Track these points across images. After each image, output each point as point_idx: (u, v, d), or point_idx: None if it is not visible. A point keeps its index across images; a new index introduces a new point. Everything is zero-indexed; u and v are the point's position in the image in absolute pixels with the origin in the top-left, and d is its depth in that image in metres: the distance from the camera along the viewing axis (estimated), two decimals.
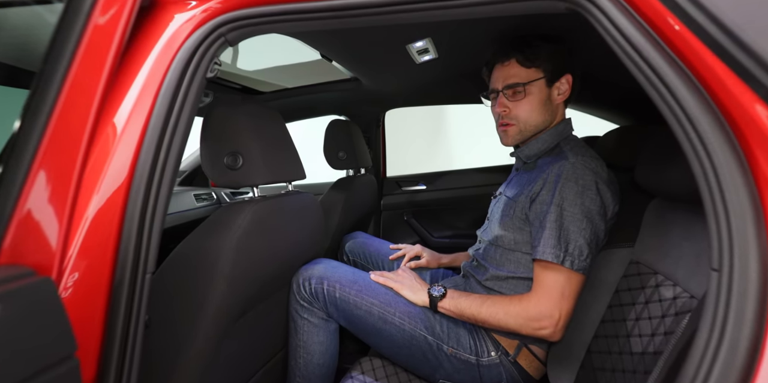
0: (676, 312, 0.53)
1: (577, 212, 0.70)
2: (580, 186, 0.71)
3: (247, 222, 0.61)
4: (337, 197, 1.23)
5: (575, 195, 0.71)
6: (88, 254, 0.39)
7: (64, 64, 0.31)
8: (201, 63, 0.50)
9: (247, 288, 0.62)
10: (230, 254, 0.56)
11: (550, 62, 0.79)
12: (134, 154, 0.44)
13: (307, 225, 0.83)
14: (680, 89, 0.37)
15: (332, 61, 1.15)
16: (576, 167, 0.73)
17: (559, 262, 0.69)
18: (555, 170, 0.74)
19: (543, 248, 0.70)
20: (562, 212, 0.71)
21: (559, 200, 0.71)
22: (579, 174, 0.72)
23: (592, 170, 0.73)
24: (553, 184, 0.73)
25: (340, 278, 0.83)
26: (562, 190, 0.71)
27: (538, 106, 0.81)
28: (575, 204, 0.71)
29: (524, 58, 0.79)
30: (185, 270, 0.56)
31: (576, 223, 0.70)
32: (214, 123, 0.68)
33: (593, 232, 0.71)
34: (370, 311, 0.80)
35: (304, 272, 0.84)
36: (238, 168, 0.67)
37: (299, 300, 0.84)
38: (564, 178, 0.72)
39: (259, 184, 0.68)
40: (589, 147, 0.82)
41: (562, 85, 0.80)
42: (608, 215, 0.74)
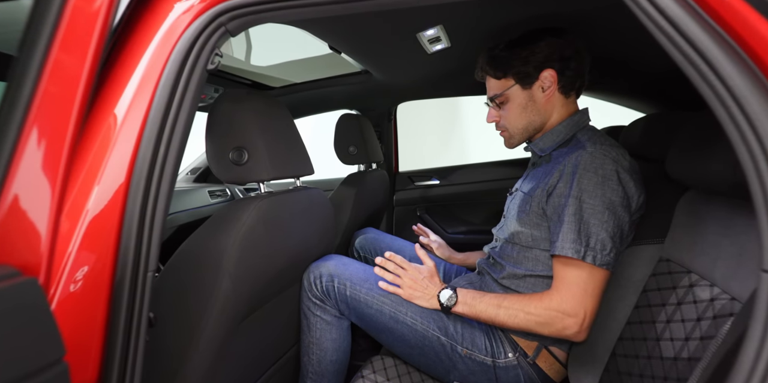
0: (714, 315, 0.48)
1: (597, 204, 0.66)
2: (599, 176, 0.67)
3: (252, 219, 0.59)
4: (348, 192, 1.21)
5: (595, 186, 0.67)
6: (87, 252, 0.38)
7: (40, 50, 0.29)
8: (201, 54, 0.48)
9: (254, 286, 0.61)
10: (235, 251, 0.55)
11: (520, 67, 0.78)
12: (134, 149, 0.43)
13: (316, 221, 0.82)
14: (725, 65, 0.32)
15: (341, 54, 1.13)
16: (595, 156, 0.69)
17: (580, 257, 0.65)
18: (572, 160, 0.70)
19: (562, 243, 0.67)
20: (582, 205, 0.67)
21: (577, 192, 0.67)
22: (598, 164, 0.68)
23: (612, 158, 0.69)
24: (570, 175, 0.69)
25: (351, 275, 0.81)
26: (581, 181, 0.68)
27: (520, 110, 0.81)
28: (595, 196, 0.67)
29: (493, 72, 0.82)
30: (190, 268, 0.55)
31: (597, 215, 0.66)
32: (218, 118, 0.66)
33: (616, 225, 0.67)
34: (381, 310, 0.78)
35: (315, 269, 0.83)
36: (243, 164, 0.65)
37: (311, 297, 0.82)
38: (582, 168, 0.68)
39: (265, 180, 0.67)
40: (609, 136, 0.78)
41: (545, 82, 0.78)
42: (633, 207, 0.70)
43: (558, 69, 0.77)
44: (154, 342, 0.49)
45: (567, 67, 0.78)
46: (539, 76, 0.78)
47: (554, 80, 0.78)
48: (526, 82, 0.79)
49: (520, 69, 0.78)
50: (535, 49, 0.77)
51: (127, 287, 0.39)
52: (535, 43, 0.78)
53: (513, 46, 0.79)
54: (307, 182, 1.94)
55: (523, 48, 0.78)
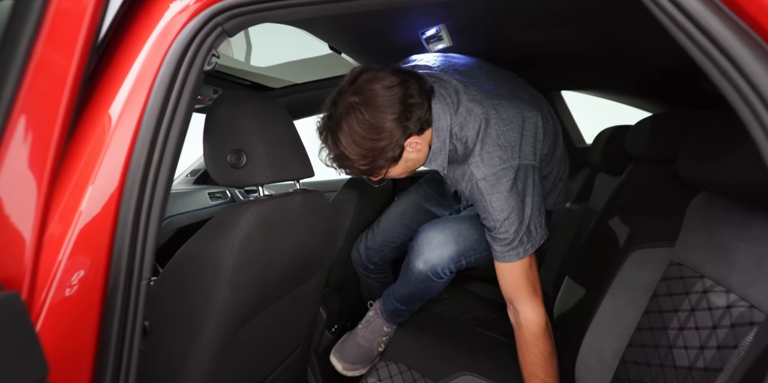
0: (731, 323, 0.46)
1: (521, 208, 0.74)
2: (505, 191, 0.72)
3: (250, 223, 0.58)
4: (350, 195, 1.19)
5: (506, 199, 0.72)
6: (78, 261, 0.37)
7: (23, 47, 0.28)
8: (197, 55, 0.47)
9: (254, 291, 0.59)
10: (233, 256, 0.53)
11: (383, 164, 0.72)
12: (127, 152, 0.41)
13: (317, 224, 0.80)
14: (749, 62, 0.30)
15: (342, 54, 1.11)
16: (488, 180, 0.73)
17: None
18: (474, 192, 0.75)
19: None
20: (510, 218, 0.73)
21: (498, 215, 0.73)
22: (496, 182, 0.72)
23: (500, 167, 0.73)
24: (482, 203, 0.74)
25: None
26: (495, 204, 0.73)
27: (406, 169, 0.78)
28: (513, 205, 0.73)
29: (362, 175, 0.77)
30: (187, 274, 0.54)
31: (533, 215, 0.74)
32: (216, 120, 0.65)
33: (535, 208, 0.75)
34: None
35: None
36: (241, 167, 0.64)
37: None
38: (488, 195, 0.73)
39: (264, 183, 0.65)
40: (486, 127, 0.74)
41: (412, 145, 0.73)
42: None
43: (416, 131, 0.71)
44: (148, 351, 0.47)
45: (414, 119, 0.70)
46: (404, 150, 0.72)
47: (417, 139, 0.72)
48: (397, 161, 0.74)
49: (387, 163, 0.73)
50: (386, 137, 0.68)
51: (119, 297, 0.37)
52: (380, 133, 0.68)
53: (359, 163, 0.71)
54: (309, 184, 1.92)
55: (377, 146, 0.69)
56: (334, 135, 0.70)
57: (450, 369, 0.84)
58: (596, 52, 1.04)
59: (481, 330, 1.06)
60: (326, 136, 0.72)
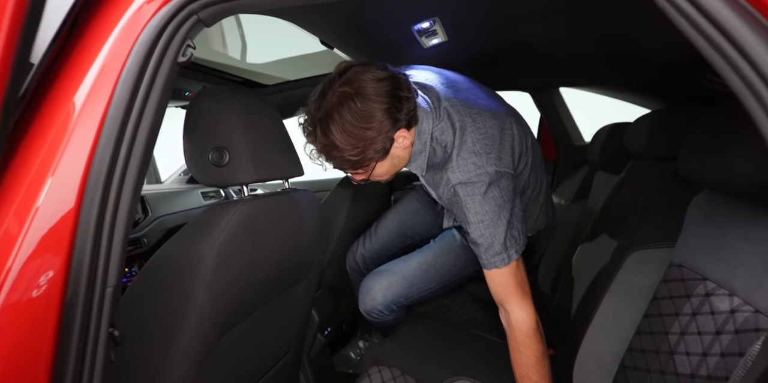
0: (735, 329, 0.44)
1: (490, 216, 0.75)
2: (480, 196, 0.74)
3: (231, 224, 0.55)
4: (344, 194, 1.17)
5: (481, 203, 0.74)
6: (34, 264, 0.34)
7: None
8: (170, 45, 0.44)
9: (237, 296, 0.57)
10: (212, 260, 0.51)
11: (372, 156, 0.72)
12: (91, 146, 0.38)
13: (306, 225, 0.77)
14: (758, 50, 0.28)
15: (334, 49, 1.08)
16: (466, 185, 0.74)
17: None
18: (451, 198, 0.77)
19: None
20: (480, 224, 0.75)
21: (473, 217, 0.75)
22: (472, 190, 0.74)
23: (476, 173, 0.74)
24: (459, 208, 0.76)
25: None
26: (470, 209, 0.75)
27: (390, 167, 0.79)
28: (485, 211, 0.74)
29: (355, 170, 0.76)
30: (164, 277, 0.51)
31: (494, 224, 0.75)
32: (197, 116, 0.62)
33: (514, 214, 0.77)
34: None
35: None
36: (224, 165, 0.61)
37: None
38: (464, 200, 0.75)
39: (248, 182, 0.62)
40: (462, 134, 0.76)
41: (397, 141, 0.73)
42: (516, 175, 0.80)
43: (405, 125, 0.72)
44: (123, 361, 0.45)
45: (403, 116, 0.71)
46: (393, 142, 0.73)
47: (406, 133, 0.73)
48: (385, 153, 0.73)
49: (377, 156, 0.72)
50: (373, 136, 0.69)
51: (80, 306, 0.34)
52: (371, 122, 0.68)
53: (348, 153, 0.69)
54: (301, 183, 1.89)
55: (362, 147, 0.69)
56: (324, 125, 0.69)
57: (445, 373, 0.82)
58: (596, 48, 1.02)
59: (478, 332, 1.03)
60: (314, 126, 0.71)
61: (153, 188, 1.47)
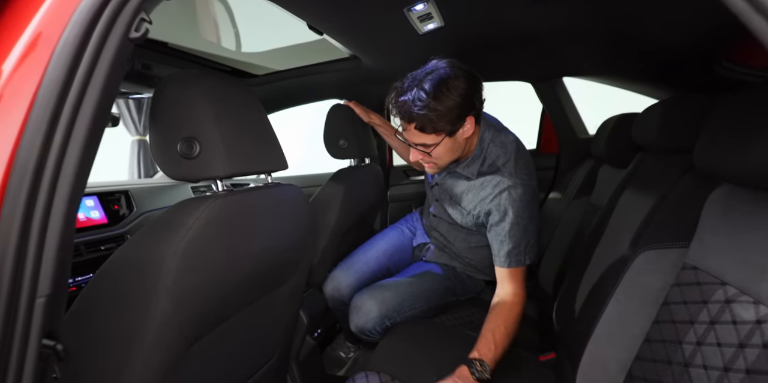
0: (764, 342, 0.38)
1: (524, 222, 0.90)
2: (524, 202, 0.89)
3: (200, 223, 0.50)
4: (336, 189, 1.11)
5: (521, 210, 0.89)
6: None
7: None
8: (119, 17, 0.38)
9: (207, 301, 0.52)
10: (176, 262, 0.46)
11: (447, 124, 0.84)
12: (18, 131, 0.33)
13: (290, 222, 0.72)
14: None
15: (323, 35, 1.02)
16: (516, 189, 0.89)
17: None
18: (500, 197, 0.90)
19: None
20: (514, 225, 0.90)
21: (511, 218, 0.89)
22: (521, 193, 0.89)
23: (528, 184, 0.91)
24: (502, 207, 0.90)
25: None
26: (510, 210, 0.89)
27: (450, 151, 0.90)
28: (523, 216, 0.89)
29: (420, 128, 0.85)
30: (120, 283, 0.46)
31: (525, 229, 0.90)
32: (163, 103, 0.57)
33: (536, 228, 0.93)
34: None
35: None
36: (194, 157, 0.55)
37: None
38: (508, 201, 0.89)
39: (221, 176, 0.57)
40: (518, 150, 0.95)
41: (466, 126, 0.87)
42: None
43: (474, 114, 0.86)
44: (69, 378, 0.40)
45: (478, 107, 0.87)
46: (462, 125, 0.86)
47: (473, 123, 0.87)
48: (452, 132, 0.86)
49: (449, 128, 0.84)
50: (455, 104, 0.82)
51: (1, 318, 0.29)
52: (453, 98, 0.81)
53: (436, 105, 0.81)
54: (289, 178, 1.83)
55: (447, 107, 0.81)
56: (422, 83, 0.83)
57: (437, 378, 0.77)
58: (601, 31, 0.95)
59: (473, 333, 0.98)
60: (411, 84, 0.84)
61: (140, 182, 1.41)
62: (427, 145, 0.87)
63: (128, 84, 1.05)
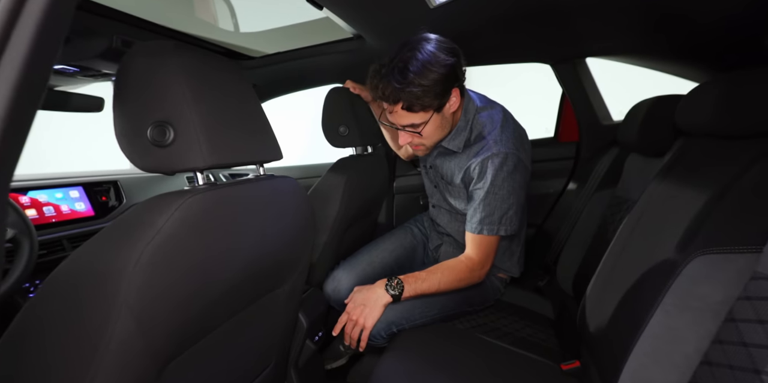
0: None
1: (504, 193, 0.89)
2: (506, 172, 0.88)
3: (171, 224, 0.41)
4: (337, 180, 1.02)
5: (503, 180, 0.88)
6: None
7: None
8: None
9: (182, 317, 0.44)
10: (139, 274, 0.37)
11: (434, 98, 0.82)
12: None
13: (285, 218, 0.63)
14: None
15: (322, 9, 0.91)
16: (499, 156, 0.87)
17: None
18: (484, 163, 0.88)
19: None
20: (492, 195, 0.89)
21: (490, 187, 0.88)
22: (503, 162, 0.88)
23: (514, 154, 0.88)
24: (485, 175, 0.89)
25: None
26: (494, 180, 0.88)
27: (439, 128, 0.89)
28: (503, 187, 0.89)
29: (408, 107, 0.83)
30: (68, 300, 0.38)
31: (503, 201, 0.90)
32: (130, 79, 0.47)
33: (518, 202, 0.91)
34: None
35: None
36: (167, 145, 0.47)
37: None
38: (493, 169, 0.88)
39: (201, 167, 0.48)
40: (505, 119, 0.93)
41: (451, 100, 0.86)
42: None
43: (458, 86, 0.85)
44: None
45: (461, 78, 0.85)
46: (448, 98, 0.84)
47: (458, 96, 0.86)
48: (440, 107, 0.85)
49: (437, 103, 0.83)
50: (440, 77, 0.79)
51: None
52: (437, 71, 0.79)
53: (421, 79, 0.78)
54: (292, 169, 1.74)
55: (432, 80, 0.79)
56: (405, 63, 0.79)
57: None
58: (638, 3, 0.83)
59: (489, 338, 0.91)
60: (394, 65, 0.80)
61: (131, 172, 1.33)
62: (415, 125, 0.86)
63: (110, 64, 0.95)
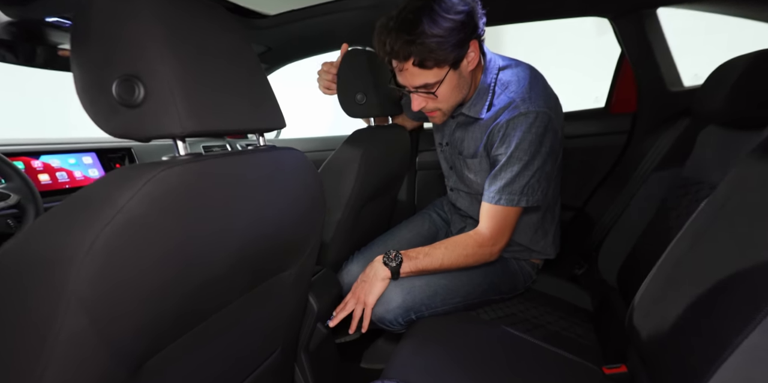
0: None
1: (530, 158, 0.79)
2: (534, 135, 0.77)
3: (137, 202, 0.34)
4: (352, 154, 0.93)
5: (530, 144, 0.77)
6: None
7: None
8: None
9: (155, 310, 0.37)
10: (92, 260, 0.31)
11: (450, 51, 0.71)
12: None
13: (288, 196, 0.55)
14: None
15: None
16: (528, 116, 0.76)
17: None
18: (510, 124, 0.77)
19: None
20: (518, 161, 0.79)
21: (515, 152, 0.78)
22: (531, 122, 0.76)
23: (544, 113, 0.76)
24: (509, 138, 0.78)
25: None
26: (520, 143, 0.77)
27: (456, 89, 0.79)
28: (529, 152, 0.78)
29: (420, 63, 0.72)
30: (14, 286, 0.32)
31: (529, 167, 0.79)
32: (91, 25, 0.39)
33: (544, 169, 0.80)
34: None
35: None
36: (137, 104, 0.38)
37: None
38: (520, 131, 0.77)
39: (178, 134, 0.40)
40: (533, 76, 0.82)
41: (470, 55, 0.76)
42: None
43: (477, 37, 0.75)
44: None
45: (480, 29, 0.75)
46: (466, 53, 0.75)
47: (477, 50, 0.76)
48: (457, 63, 0.75)
49: (453, 56, 0.73)
50: (456, 25, 0.70)
51: None
52: (452, 18, 0.69)
53: (433, 28, 0.68)
54: (303, 141, 1.65)
55: (447, 30, 0.69)
56: (414, 13, 0.69)
57: None
58: None
59: (516, 331, 0.82)
60: (403, 16, 0.70)
61: None
62: (429, 85, 0.75)
63: None
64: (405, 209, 1.46)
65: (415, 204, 1.48)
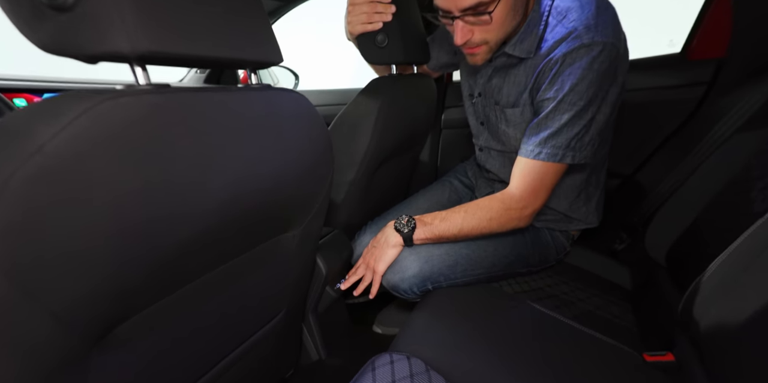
0: None
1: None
2: (595, 72, 0.62)
3: (64, 139, 0.26)
4: (369, 106, 0.81)
5: (589, 85, 0.62)
6: None
7: None
8: None
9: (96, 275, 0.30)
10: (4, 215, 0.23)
11: None
12: None
13: (284, 143, 0.47)
14: None
15: None
16: (592, 48, 0.60)
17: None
18: (566, 57, 0.62)
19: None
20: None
21: (568, 96, 0.64)
22: (594, 56, 0.61)
23: (611, 43, 0.61)
24: (566, 76, 0.63)
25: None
26: (577, 83, 0.63)
27: (510, 14, 0.63)
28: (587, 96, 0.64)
29: None
30: None
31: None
32: None
33: (596, 119, 0.67)
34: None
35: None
36: (69, 6, 0.29)
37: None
38: (578, 66, 0.62)
39: (130, 53, 0.30)
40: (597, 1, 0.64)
41: None
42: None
43: None
44: None
45: None
46: None
47: None
48: None
49: None
50: None
51: None
52: None
53: None
54: (316, 93, 1.51)
55: None
56: None
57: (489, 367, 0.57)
58: None
59: (543, 308, 0.74)
60: None
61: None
62: (483, 4, 0.60)
63: None
64: (427, 171, 1.35)
65: (437, 166, 1.36)
